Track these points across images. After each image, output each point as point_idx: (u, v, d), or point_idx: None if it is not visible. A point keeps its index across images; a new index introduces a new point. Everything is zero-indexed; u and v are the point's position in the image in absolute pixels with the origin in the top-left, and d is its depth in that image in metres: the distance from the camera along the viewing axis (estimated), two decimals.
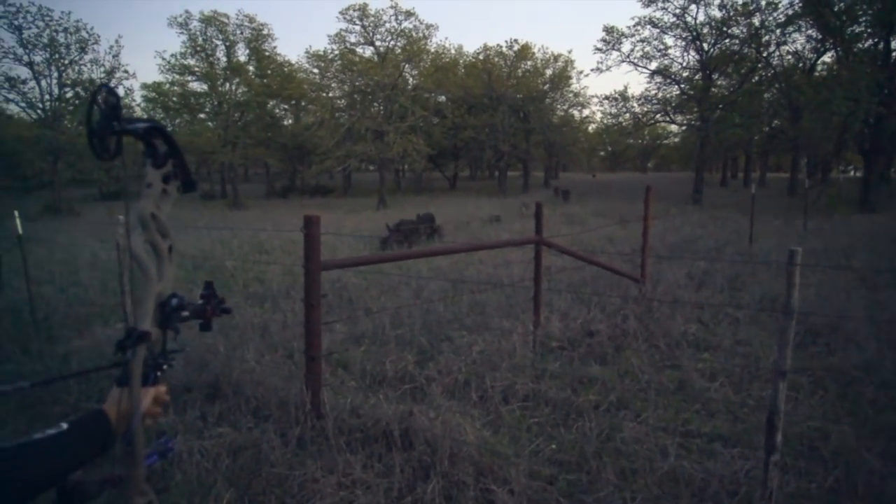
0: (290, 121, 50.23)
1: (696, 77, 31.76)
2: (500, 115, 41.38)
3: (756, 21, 28.19)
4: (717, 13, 29.58)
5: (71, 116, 34.83)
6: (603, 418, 3.69)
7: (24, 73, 34.84)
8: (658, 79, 33.61)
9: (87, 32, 35.67)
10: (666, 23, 31.17)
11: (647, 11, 31.17)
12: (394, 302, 6.82)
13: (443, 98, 44.21)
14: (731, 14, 28.65)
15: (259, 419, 3.61)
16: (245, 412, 3.68)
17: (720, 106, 29.34)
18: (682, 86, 32.50)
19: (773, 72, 29.01)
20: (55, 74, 34.72)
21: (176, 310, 1.04)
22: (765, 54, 28.84)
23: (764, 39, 28.04)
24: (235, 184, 41.33)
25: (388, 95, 36.22)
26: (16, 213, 6.06)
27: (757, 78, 30.10)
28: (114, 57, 37.24)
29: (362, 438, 3.30)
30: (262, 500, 2.88)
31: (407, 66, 39.19)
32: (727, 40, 30.07)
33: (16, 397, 4.34)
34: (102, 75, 36.12)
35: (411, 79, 40.69)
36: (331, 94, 40.88)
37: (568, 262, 7.64)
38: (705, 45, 30.78)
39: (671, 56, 32.74)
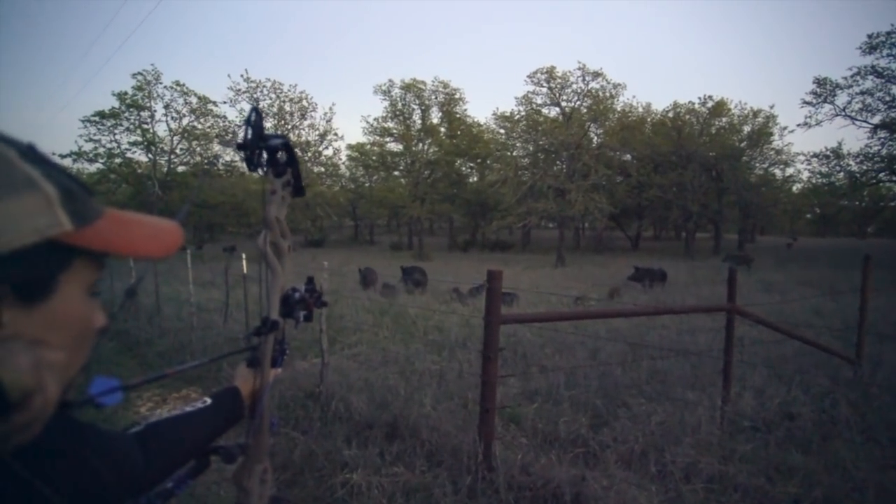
0: (474, 178, 52.68)
1: None
2: (689, 173, 39.40)
3: None
4: None
5: None
6: None
7: None
8: (882, 133, 29.66)
9: (308, 102, 41.25)
10: (894, 71, 27.68)
11: (869, 60, 27.99)
12: (569, 361, 6.68)
13: (628, 156, 43.38)
14: None
15: (432, 464, 3.72)
16: (420, 455, 3.82)
17: None
18: None
19: None
20: None
21: (298, 302, 1.18)
22: None
23: None
24: (421, 236, 44.01)
25: (572, 154, 36.46)
26: (243, 255, 7.05)
27: None
28: (327, 122, 42.49)
29: (531, 497, 3.24)
30: None
31: (592, 125, 39.26)
32: None
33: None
34: (317, 138, 41.24)
35: (596, 137, 40.63)
36: (515, 153, 42.20)
37: (764, 333, 6.91)
38: None
39: None
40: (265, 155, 1.09)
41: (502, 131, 43.76)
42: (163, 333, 8.09)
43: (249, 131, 1.04)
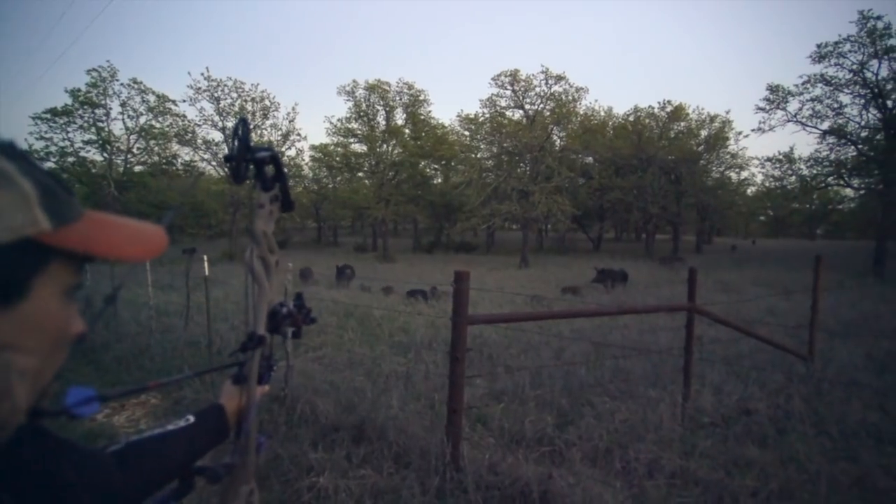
0: (439, 180, 52.70)
1: (878, 137, 28.70)
2: (649, 176, 40.23)
3: None
4: None
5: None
6: None
7: (218, 136, 40.11)
8: (831, 139, 30.78)
9: (270, 101, 40.66)
10: (841, 80, 28.75)
11: (818, 68, 29.03)
12: (534, 361, 6.74)
13: (590, 159, 44.06)
14: None
15: (400, 465, 3.71)
16: (387, 457, 3.80)
17: None
18: (861, 146, 29.46)
19: None
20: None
21: (286, 317, 1.16)
22: None
23: None
24: (386, 238, 43.81)
25: (535, 156, 36.81)
26: (204, 257, 6.90)
27: None
28: (290, 122, 41.96)
29: (499, 496, 3.26)
30: None
31: (555, 128, 39.71)
32: None
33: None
34: (279, 138, 40.68)
35: (559, 140, 41.12)
36: (479, 155, 42.38)
37: (722, 332, 7.12)
38: (889, 103, 27.79)
39: (847, 115, 29.86)
40: (252, 168, 1.06)
41: (467, 133, 43.93)
42: (120, 338, 7.85)
43: (236, 143, 1.02)
